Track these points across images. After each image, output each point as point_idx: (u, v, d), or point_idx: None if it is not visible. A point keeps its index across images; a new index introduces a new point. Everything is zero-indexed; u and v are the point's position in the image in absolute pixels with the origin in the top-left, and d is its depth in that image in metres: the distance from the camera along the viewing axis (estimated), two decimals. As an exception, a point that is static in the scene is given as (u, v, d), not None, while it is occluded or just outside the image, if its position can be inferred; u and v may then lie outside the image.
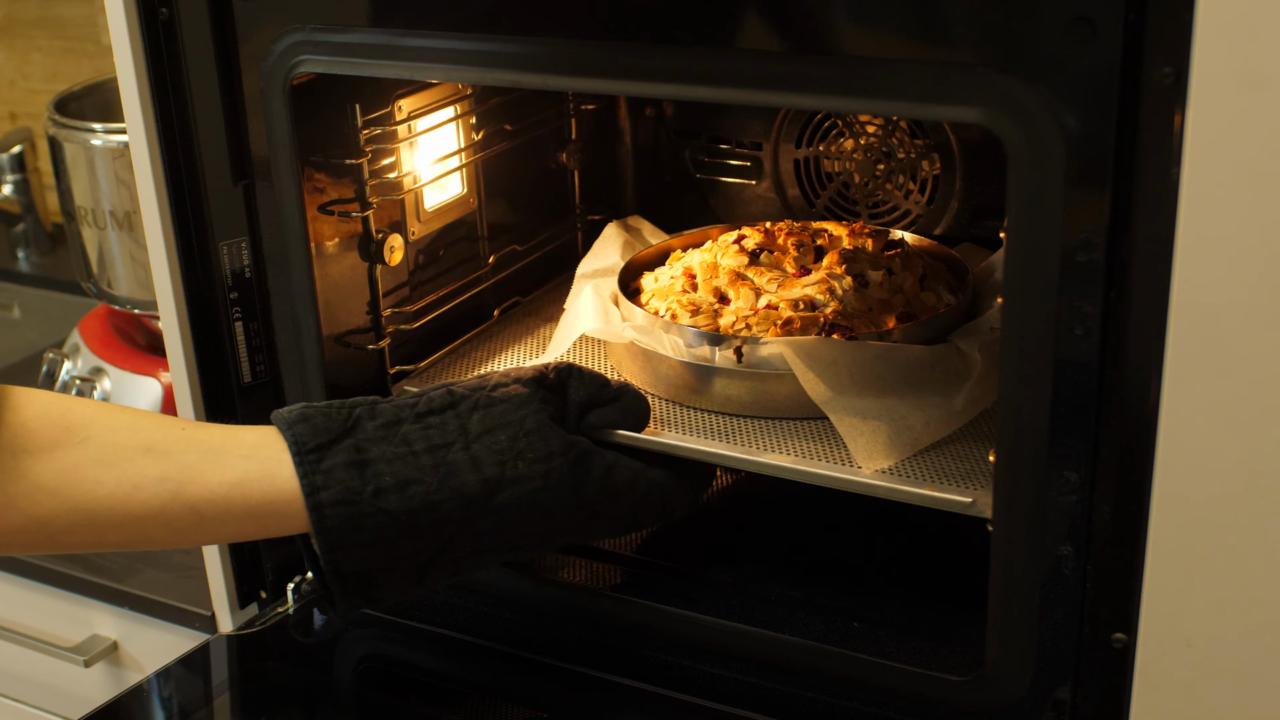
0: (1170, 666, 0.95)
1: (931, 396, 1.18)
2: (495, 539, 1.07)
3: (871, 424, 1.14)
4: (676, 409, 1.25)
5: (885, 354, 1.19)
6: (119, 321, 1.80)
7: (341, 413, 1.07)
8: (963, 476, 1.11)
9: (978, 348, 1.22)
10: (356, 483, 1.03)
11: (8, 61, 2.41)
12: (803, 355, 1.19)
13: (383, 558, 1.04)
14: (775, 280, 1.31)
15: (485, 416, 1.08)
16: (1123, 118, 0.87)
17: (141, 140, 1.22)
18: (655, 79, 1.03)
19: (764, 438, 1.20)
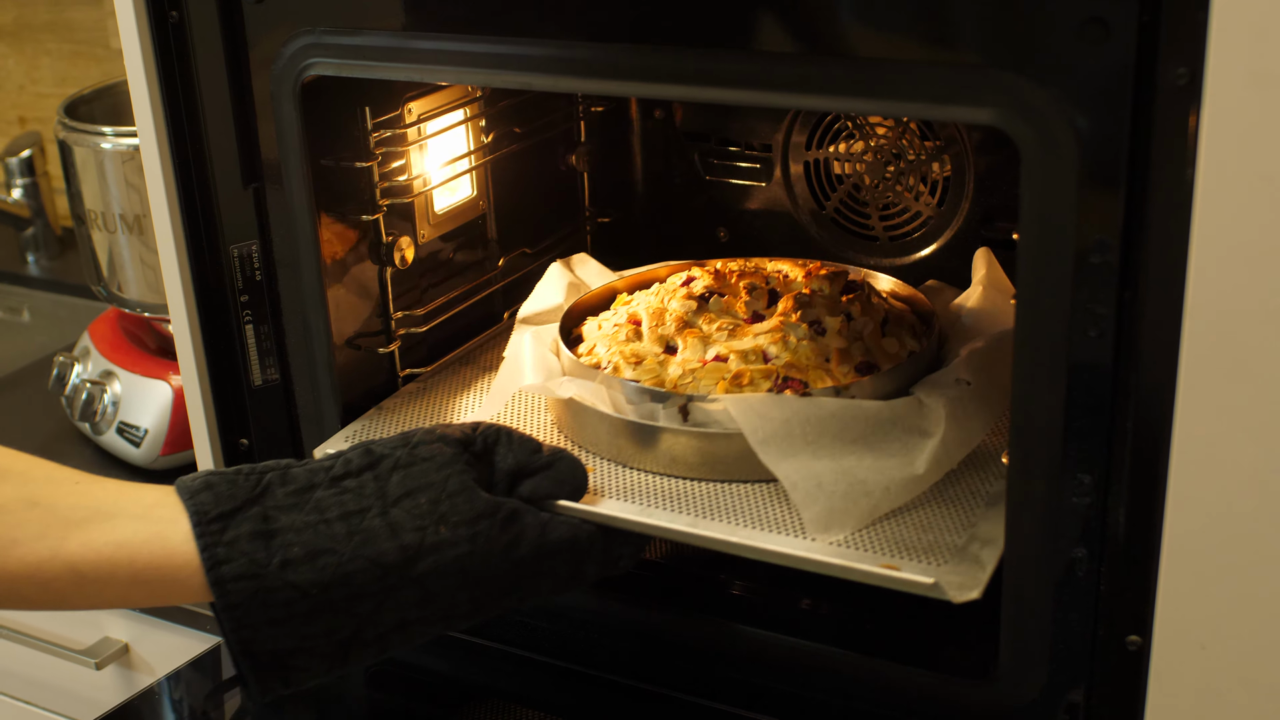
0: (1185, 669, 0.94)
1: (892, 458, 1.10)
2: (421, 611, 0.99)
3: (826, 489, 1.06)
4: (618, 470, 1.18)
5: (841, 411, 1.11)
6: (129, 325, 1.80)
7: (250, 479, 0.99)
8: (925, 549, 1.04)
9: (943, 402, 1.14)
10: (262, 554, 0.95)
11: (17, 66, 2.41)
12: (751, 414, 1.10)
13: (295, 636, 0.96)
14: (726, 328, 1.23)
15: (405, 477, 1.00)
16: (1137, 119, 0.86)
17: (152, 143, 1.23)
18: (667, 80, 1.03)
19: (713, 502, 1.12)
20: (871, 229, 1.50)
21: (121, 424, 1.67)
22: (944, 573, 1.00)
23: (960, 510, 1.09)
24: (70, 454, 1.77)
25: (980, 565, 1.01)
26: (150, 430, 1.65)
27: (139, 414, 1.66)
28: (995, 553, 1.02)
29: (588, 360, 1.24)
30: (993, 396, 1.17)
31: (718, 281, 1.30)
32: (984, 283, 1.34)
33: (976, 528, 1.06)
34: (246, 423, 1.32)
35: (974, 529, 1.06)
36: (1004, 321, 1.26)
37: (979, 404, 1.15)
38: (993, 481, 1.12)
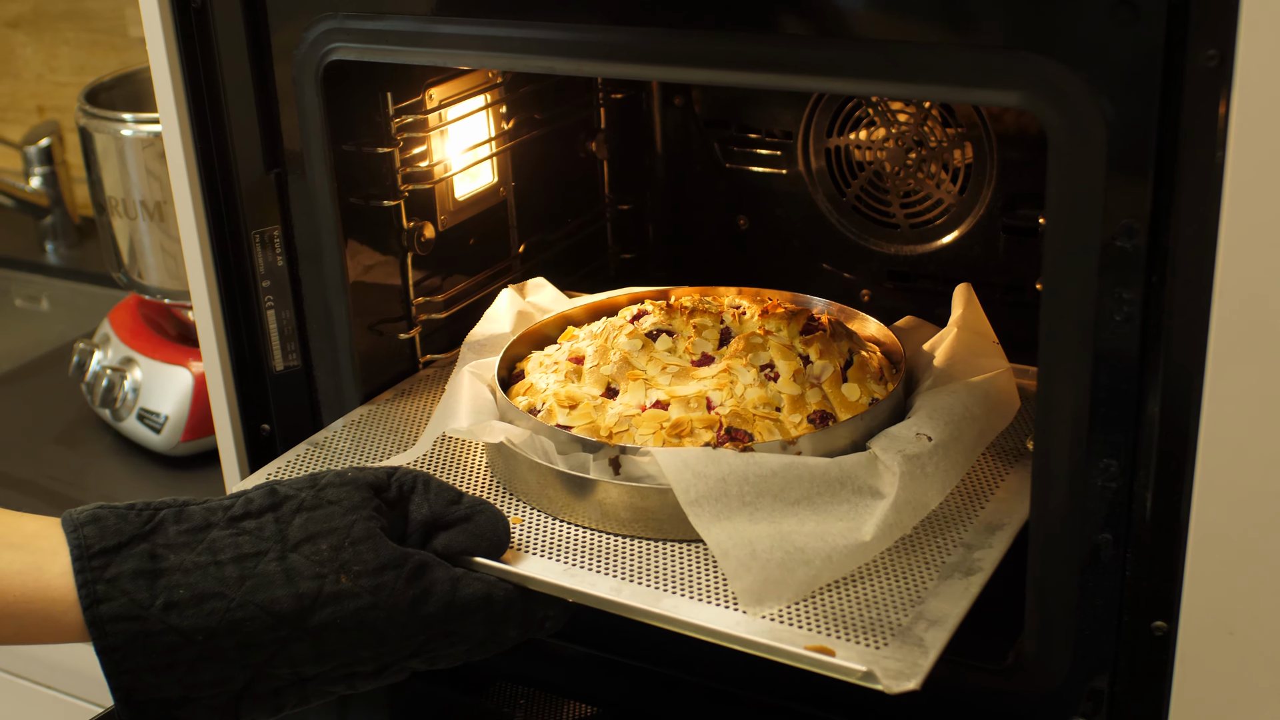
0: (1212, 655, 0.94)
1: (838, 522, 1.02)
2: (318, 666, 0.92)
3: (761, 558, 0.97)
4: (547, 522, 1.09)
5: (784, 469, 1.02)
6: (149, 312, 1.80)
7: (142, 515, 0.92)
8: (865, 627, 0.95)
9: (899, 459, 1.05)
10: (144, 595, 0.88)
11: (35, 55, 2.41)
12: (684, 470, 1.01)
13: (181, 685, 0.89)
14: (670, 370, 1.15)
15: (308, 521, 0.94)
16: (1166, 101, 0.86)
17: (174, 129, 1.23)
18: (690, 64, 1.02)
19: (644, 563, 1.04)
20: (892, 216, 1.50)
21: (142, 410, 1.67)
22: (881, 657, 0.92)
23: (909, 583, 1.00)
24: (90, 441, 1.78)
25: (923, 649, 0.93)
26: (170, 417, 1.65)
27: (159, 400, 1.66)
28: (942, 635, 0.94)
29: (524, 401, 1.16)
30: (956, 454, 1.09)
31: (669, 316, 1.21)
32: (959, 324, 1.24)
33: (925, 604, 0.98)
34: (268, 408, 1.32)
35: (922, 606, 0.98)
36: (976, 368, 1.17)
37: (939, 462, 1.07)
38: (950, 550, 1.04)
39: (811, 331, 1.18)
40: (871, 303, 1.53)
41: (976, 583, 1.00)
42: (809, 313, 1.21)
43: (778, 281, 1.58)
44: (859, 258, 1.53)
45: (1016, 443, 1.18)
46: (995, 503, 1.10)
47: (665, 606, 0.98)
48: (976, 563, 1.02)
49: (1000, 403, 1.15)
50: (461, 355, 1.27)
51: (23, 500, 1.63)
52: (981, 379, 1.15)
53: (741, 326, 1.20)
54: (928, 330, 1.28)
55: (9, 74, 2.45)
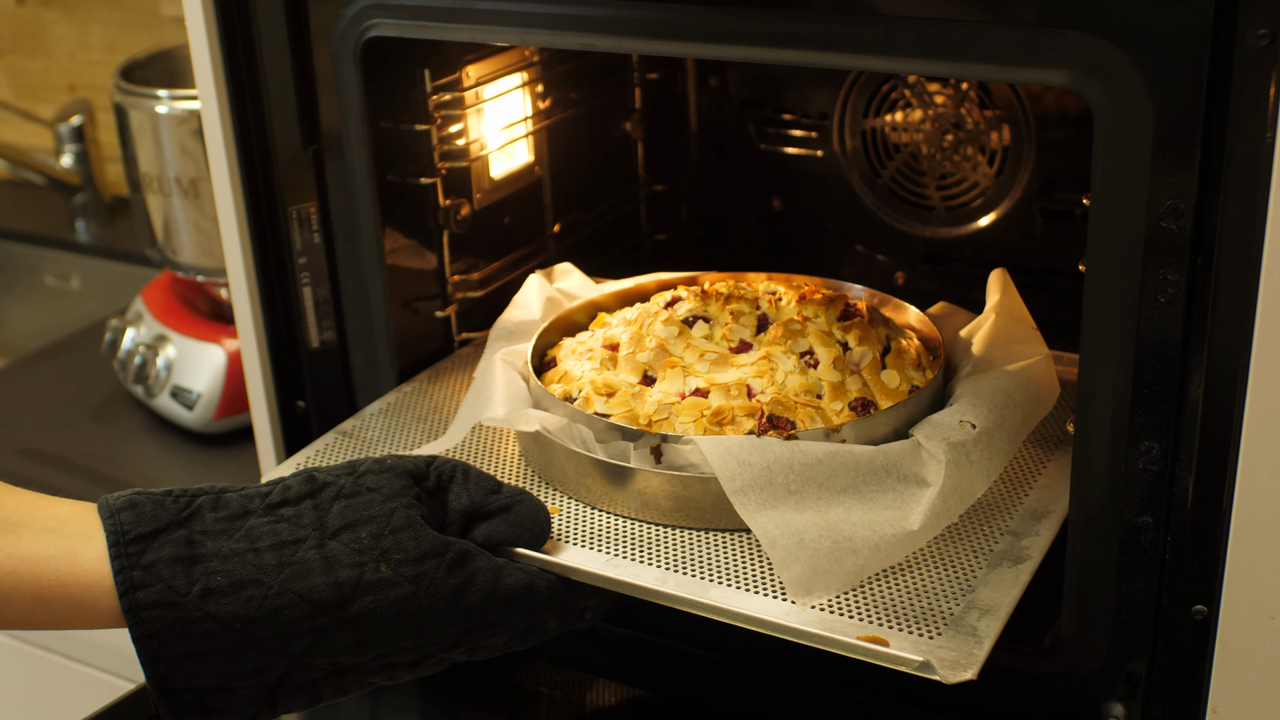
0: (1254, 639, 0.93)
1: (884, 511, 1.01)
2: (357, 656, 0.91)
3: (809, 547, 0.96)
4: (586, 512, 1.08)
5: (829, 457, 1.01)
6: (182, 289, 1.80)
7: (179, 501, 0.91)
8: (917, 617, 0.94)
9: (944, 447, 1.04)
10: (181, 581, 0.87)
11: (67, 33, 2.41)
12: (728, 459, 0.99)
13: (217, 674, 0.88)
14: (709, 358, 1.13)
15: (347, 508, 0.92)
16: (1214, 81, 0.85)
17: (213, 105, 1.23)
18: (730, 41, 1.02)
19: (687, 553, 1.02)
20: (928, 198, 1.49)
21: (175, 388, 1.68)
22: (936, 647, 0.91)
23: (959, 572, 0.99)
24: (123, 417, 1.78)
25: (978, 639, 0.92)
26: (204, 394, 1.66)
27: (192, 378, 1.67)
28: (996, 624, 0.93)
29: (558, 389, 1.14)
30: (1000, 442, 1.08)
31: (704, 303, 1.19)
32: (997, 309, 1.21)
33: (976, 593, 0.97)
34: (303, 385, 1.32)
35: (973, 595, 0.96)
36: (1017, 355, 1.16)
37: (984, 450, 1.06)
38: (997, 538, 1.03)
39: (849, 318, 1.16)
40: (906, 285, 1.52)
41: (1026, 570, 0.99)
42: (846, 298, 1.19)
43: (812, 264, 1.58)
44: (893, 240, 1.52)
45: (1056, 429, 1.17)
46: (1039, 489, 1.09)
47: (713, 597, 0.96)
48: (1025, 550, 1.01)
49: (1041, 389, 1.13)
50: (490, 342, 1.25)
51: (56, 476, 1.64)
52: (1022, 365, 1.13)
53: (779, 313, 1.17)
54: (963, 316, 1.26)
55: (41, 52, 2.46)
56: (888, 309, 1.25)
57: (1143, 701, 1.02)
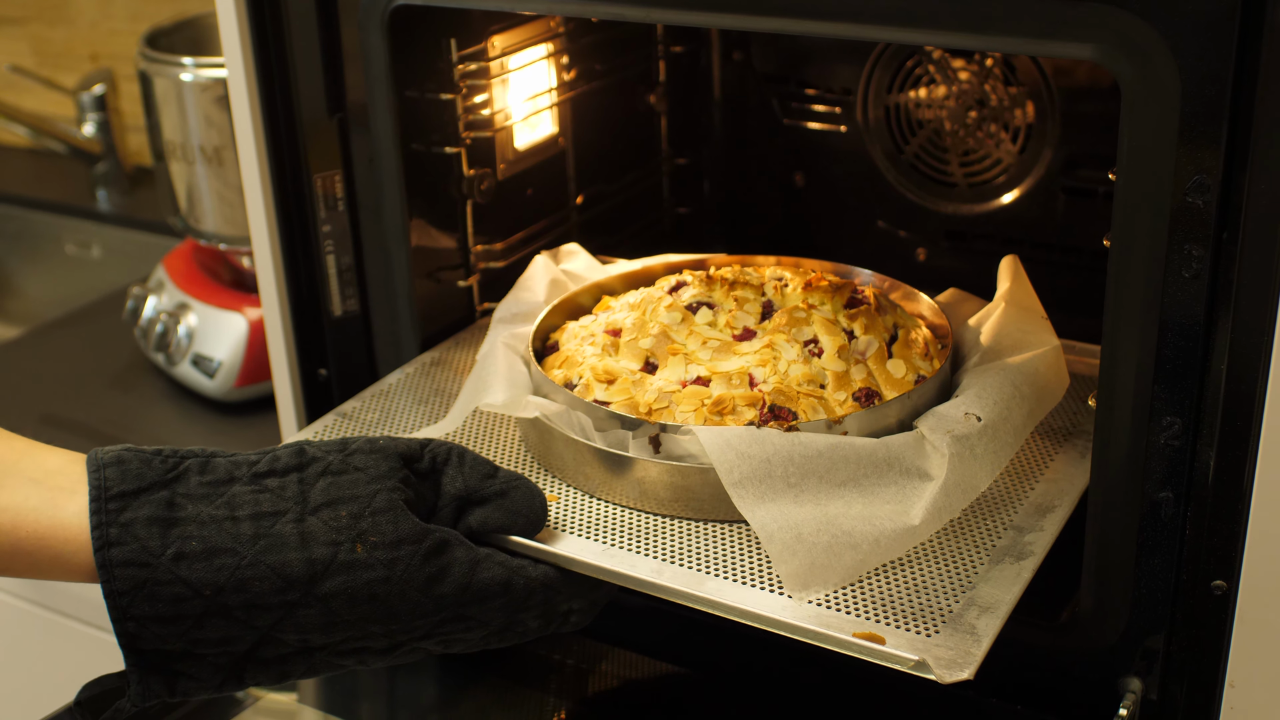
0: (1272, 614, 0.94)
1: (885, 505, 0.99)
2: (327, 636, 0.91)
3: (807, 541, 0.95)
4: (584, 501, 1.07)
5: (830, 449, 1.00)
6: (204, 258, 1.81)
7: (167, 462, 0.91)
8: (916, 614, 0.93)
9: (948, 440, 1.02)
10: (156, 542, 0.87)
11: (90, 2, 2.42)
12: (727, 450, 0.98)
13: (185, 639, 0.88)
14: (711, 345, 1.12)
15: (331, 485, 0.91)
16: (1242, 55, 0.85)
17: (239, 73, 1.23)
18: (758, 11, 1.02)
19: (685, 544, 1.01)
20: (950, 175, 1.49)
21: (196, 355, 1.69)
22: (933, 645, 0.90)
23: (960, 568, 0.98)
24: (144, 385, 1.79)
25: (976, 638, 0.91)
26: (225, 362, 1.66)
27: (214, 346, 1.68)
28: (995, 622, 0.92)
29: (560, 374, 1.13)
30: (1005, 435, 1.06)
31: (709, 288, 1.18)
32: (1006, 298, 1.19)
33: (976, 590, 0.95)
34: (325, 353, 1.33)
35: (973, 592, 0.95)
36: (1024, 345, 1.13)
37: (989, 443, 1.04)
38: (1000, 534, 1.02)
39: (855, 305, 1.15)
40: (927, 262, 1.53)
41: (1028, 567, 0.98)
42: (853, 286, 1.18)
43: (833, 240, 1.58)
44: (916, 216, 1.52)
45: (1065, 421, 1.16)
46: (1045, 484, 1.07)
47: (709, 590, 0.96)
48: (1028, 547, 1.00)
49: (1049, 381, 1.11)
50: (493, 325, 1.24)
51: (76, 442, 1.62)
52: (1029, 356, 1.11)
53: (784, 300, 1.16)
54: (973, 304, 1.24)
55: (63, 20, 2.46)
56: (899, 295, 1.23)
57: (1160, 677, 1.02)
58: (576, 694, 1.23)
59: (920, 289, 1.31)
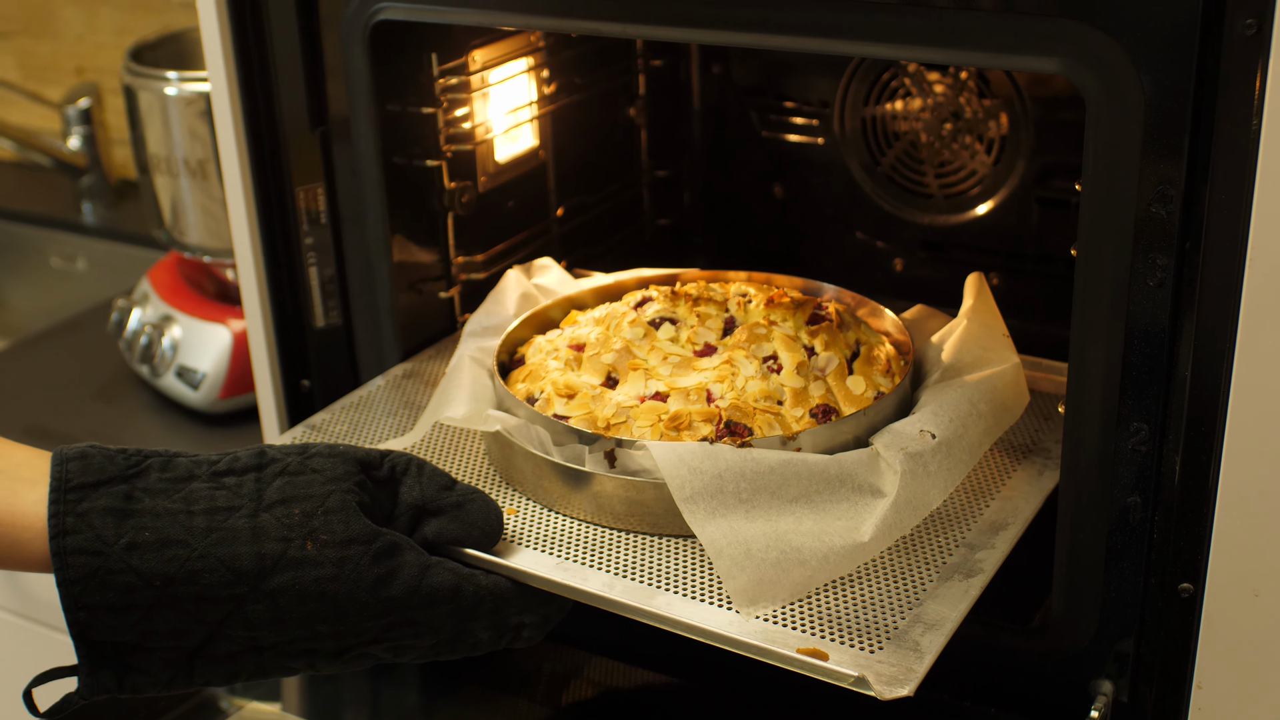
0: (1238, 617, 0.95)
1: (836, 521, 1.00)
2: (275, 634, 0.91)
3: (755, 557, 0.95)
4: (542, 514, 1.07)
5: (782, 466, 1.00)
6: (188, 270, 1.82)
7: (130, 459, 0.92)
8: (861, 630, 0.93)
9: (900, 457, 1.02)
10: (110, 532, 0.88)
11: (76, 16, 2.43)
12: (680, 466, 0.98)
13: (135, 631, 0.89)
14: (673, 360, 1.12)
15: (287, 484, 0.93)
16: (1203, 68, 0.87)
17: (222, 87, 1.24)
18: (731, 27, 1.03)
19: (639, 558, 1.02)
20: (926, 186, 1.51)
21: (180, 367, 1.70)
22: (875, 661, 0.90)
23: (908, 585, 0.98)
24: (129, 397, 1.80)
25: (919, 654, 0.91)
26: (209, 374, 1.67)
27: (198, 358, 1.69)
28: (939, 639, 0.92)
29: (523, 388, 1.14)
30: (960, 452, 1.06)
31: (673, 304, 1.18)
32: (969, 315, 1.19)
33: (923, 607, 0.96)
34: (308, 364, 1.34)
35: (920, 608, 0.96)
36: (986, 362, 1.13)
37: (942, 460, 1.04)
38: (951, 550, 1.02)
39: (817, 322, 1.15)
40: (905, 273, 1.54)
41: (977, 585, 0.98)
42: (816, 302, 1.18)
43: (812, 251, 1.60)
44: (893, 227, 1.54)
45: (1026, 438, 1.16)
46: (1000, 500, 1.08)
47: (658, 604, 0.96)
48: (978, 564, 1.00)
49: (1008, 398, 1.12)
50: (463, 338, 1.24)
51: (63, 453, 1.65)
52: (989, 374, 1.11)
53: (746, 316, 1.17)
54: (939, 320, 1.24)
55: (49, 34, 2.47)
56: (865, 312, 1.23)
57: (1131, 679, 1.04)
58: (556, 701, 1.24)
59: (898, 300, 1.33)
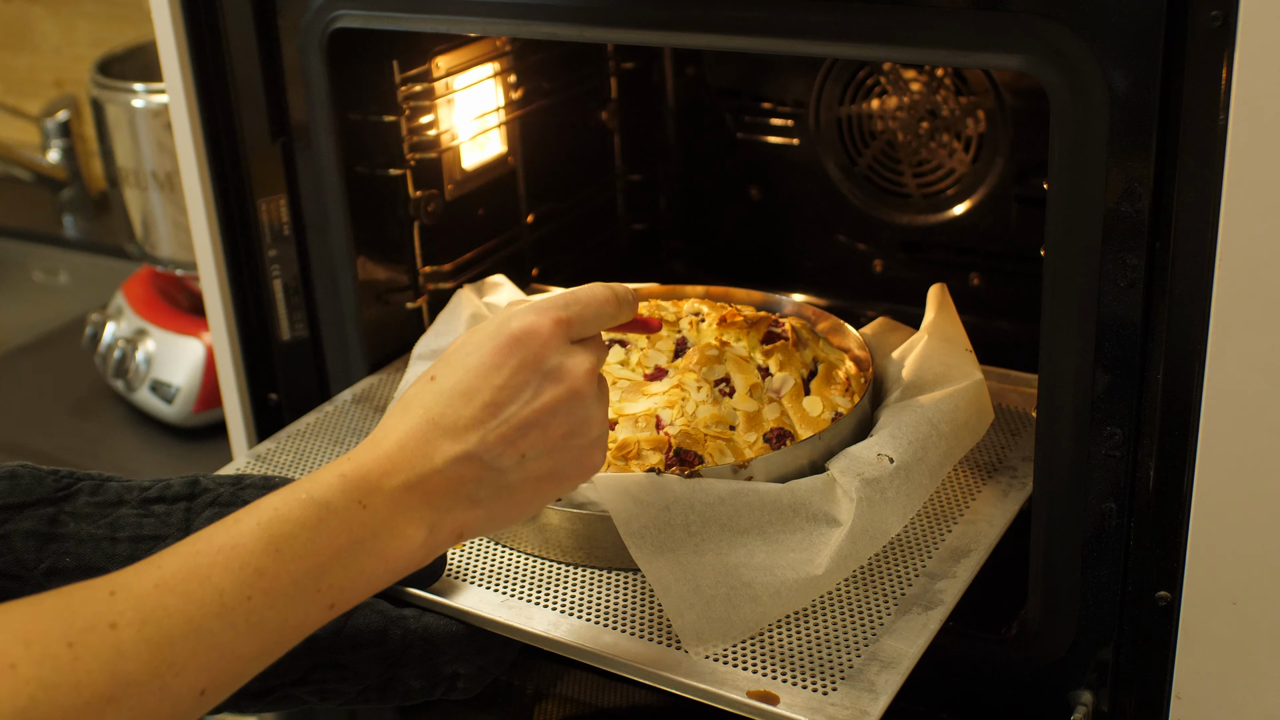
0: (1214, 625, 0.93)
1: (789, 553, 0.95)
2: None
3: (705, 594, 0.91)
4: (489, 549, 1.03)
5: (733, 496, 0.95)
6: (162, 284, 1.80)
7: (60, 481, 0.91)
8: (814, 669, 0.89)
9: (856, 484, 0.97)
10: (31, 556, 0.86)
11: (54, 28, 2.41)
12: (625, 499, 0.94)
13: None
14: (622, 385, 1.08)
15: (217, 516, 0.90)
16: (1168, 63, 0.85)
17: (180, 98, 1.22)
18: (693, 29, 1.01)
19: (587, 594, 0.98)
20: (904, 186, 1.49)
21: (154, 381, 1.68)
22: (828, 704, 0.86)
23: (864, 619, 0.94)
24: (103, 412, 1.78)
25: (874, 695, 0.87)
26: (183, 388, 1.65)
27: (171, 371, 1.67)
28: (895, 679, 0.88)
29: None
30: (919, 476, 1.01)
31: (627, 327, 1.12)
32: (930, 330, 1.14)
33: (879, 642, 0.91)
34: (275, 378, 1.32)
35: (876, 645, 0.91)
36: (948, 379, 1.09)
37: (900, 486, 0.99)
38: (910, 581, 0.97)
39: (772, 340, 1.11)
40: (884, 274, 1.52)
41: (936, 618, 0.94)
42: (770, 320, 1.14)
43: (789, 253, 1.58)
44: (871, 228, 1.52)
45: (991, 456, 1.13)
46: (963, 525, 1.04)
47: (604, 644, 0.92)
48: (938, 595, 0.96)
49: (970, 417, 1.07)
50: (412, 362, 1.21)
51: (36, 471, 1.64)
52: (949, 392, 1.07)
53: (699, 336, 1.12)
54: (901, 334, 1.19)
55: (27, 48, 2.46)
56: (826, 327, 1.18)
57: (1110, 689, 1.02)
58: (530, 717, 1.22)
59: (878, 303, 1.31)
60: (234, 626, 0.73)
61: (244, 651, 0.73)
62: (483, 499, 0.82)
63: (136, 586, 0.72)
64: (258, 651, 0.74)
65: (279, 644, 0.76)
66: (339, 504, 0.78)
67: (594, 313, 0.87)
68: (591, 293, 0.88)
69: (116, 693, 0.68)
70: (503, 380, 0.82)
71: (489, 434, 0.81)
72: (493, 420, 0.82)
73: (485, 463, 0.81)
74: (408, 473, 0.80)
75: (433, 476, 0.81)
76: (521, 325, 0.84)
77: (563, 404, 0.83)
